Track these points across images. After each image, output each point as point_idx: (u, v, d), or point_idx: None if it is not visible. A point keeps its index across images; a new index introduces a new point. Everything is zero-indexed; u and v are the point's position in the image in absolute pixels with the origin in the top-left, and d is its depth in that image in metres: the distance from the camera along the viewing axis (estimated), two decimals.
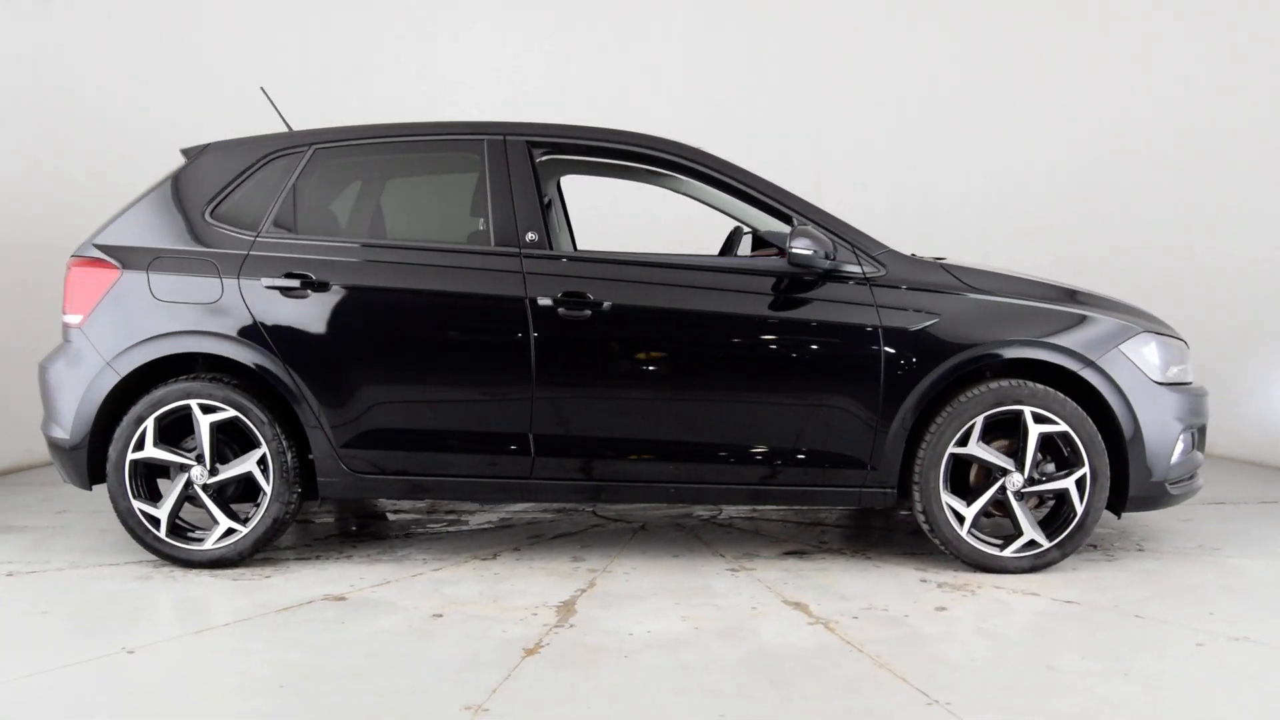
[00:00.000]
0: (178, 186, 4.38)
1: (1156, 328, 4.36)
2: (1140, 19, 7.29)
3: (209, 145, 4.46)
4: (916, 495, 4.17)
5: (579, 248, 5.68)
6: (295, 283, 4.18)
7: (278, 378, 4.16)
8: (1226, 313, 6.94)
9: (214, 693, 3.02)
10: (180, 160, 4.53)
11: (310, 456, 4.20)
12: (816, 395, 4.15)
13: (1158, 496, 4.24)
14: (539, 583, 4.06)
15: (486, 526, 4.98)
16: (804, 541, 4.69)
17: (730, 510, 5.27)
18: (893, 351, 4.12)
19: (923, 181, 7.70)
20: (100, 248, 4.30)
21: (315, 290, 4.18)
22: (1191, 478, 4.40)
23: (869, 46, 7.77)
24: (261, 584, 4.04)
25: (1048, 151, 7.54)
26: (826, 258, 4.12)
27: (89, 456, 4.22)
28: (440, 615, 3.68)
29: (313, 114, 5.03)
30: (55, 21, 6.42)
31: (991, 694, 3.01)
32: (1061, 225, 7.47)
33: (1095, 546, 4.59)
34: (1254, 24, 6.86)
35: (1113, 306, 4.36)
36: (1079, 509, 4.15)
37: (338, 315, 4.17)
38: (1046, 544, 4.16)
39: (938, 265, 4.28)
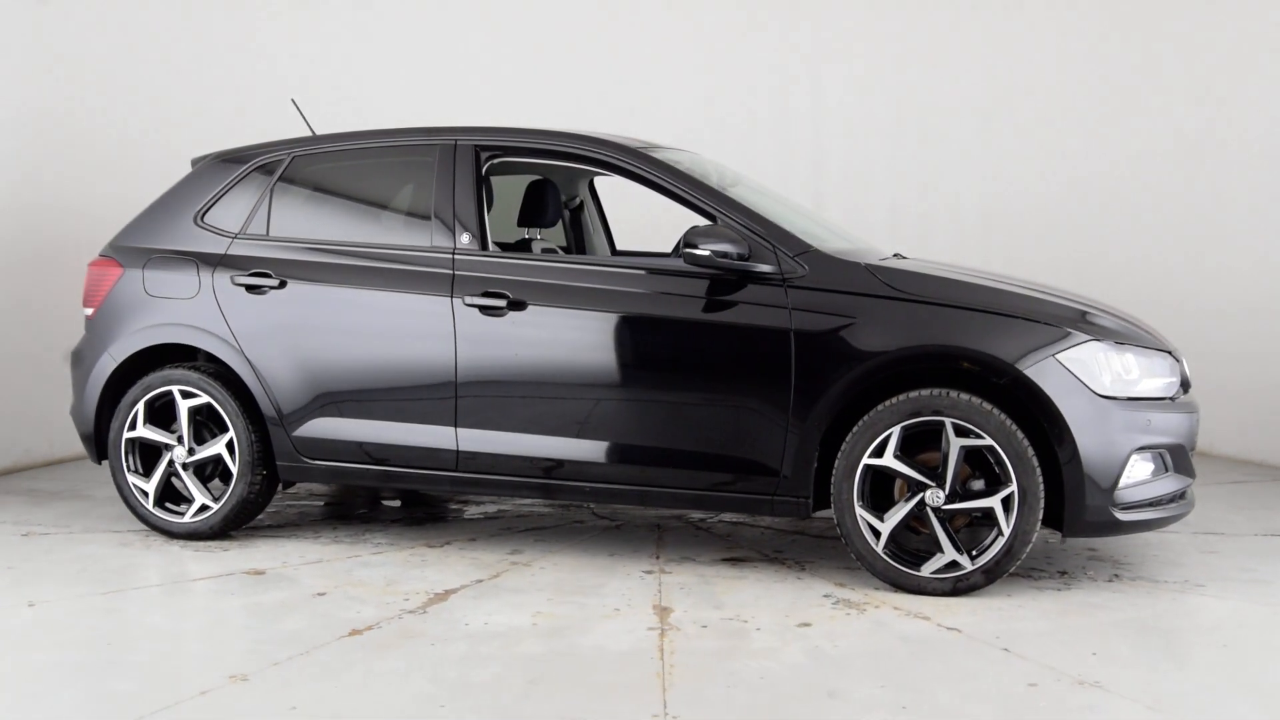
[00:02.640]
0: (180, 193, 4.88)
1: (1117, 336, 3.98)
2: (1144, 19, 7.03)
3: (209, 155, 4.94)
4: (833, 507, 4.03)
5: (618, 248, 5.81)
6: (256, 280, 4.57)
7: (239, 367, 4.57)
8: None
9: (42, 645, 3.46)
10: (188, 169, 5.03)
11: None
12: (728, 399, 4.11)
13: (1101, 522, 3.89)
14: (449, 571, 4.25)
15: (477, 517, 5.21)
16: (760, 549, 4.62)
17: (729, 515, 5.22)
18: (803, 355, 4.01)
19: (923, 180, 7.60)
20: (113, 248, 4.88)
21: (274, 288, 4.55)
22: (1162, 503, 3.99)
23: (870, 45, 7.71)
24: (213, 556, 4.47)
25: (1050, 149, 7.32)
26: (740, 258, 4.06)
27: (95, 434, 4.80)
28: (323, 594, 3.96)
29: (322, 118, 5.41)
30: (77, 24, 6.58)
31: (733, 713, 2.93)
32: (1064, 223, 7.24)
33: (1064, 572, 4.24)
34: (1258, 27, 6.60)
35: (1069, 313, 4.02)
36: (1005, 531, 3.87)
37: (290, 312, 4.54)
38: (970, 566, 3.92)
39: (862, 266, 4.12)
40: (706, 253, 4.04)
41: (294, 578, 4.17)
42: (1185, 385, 4.42)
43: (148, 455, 4.76)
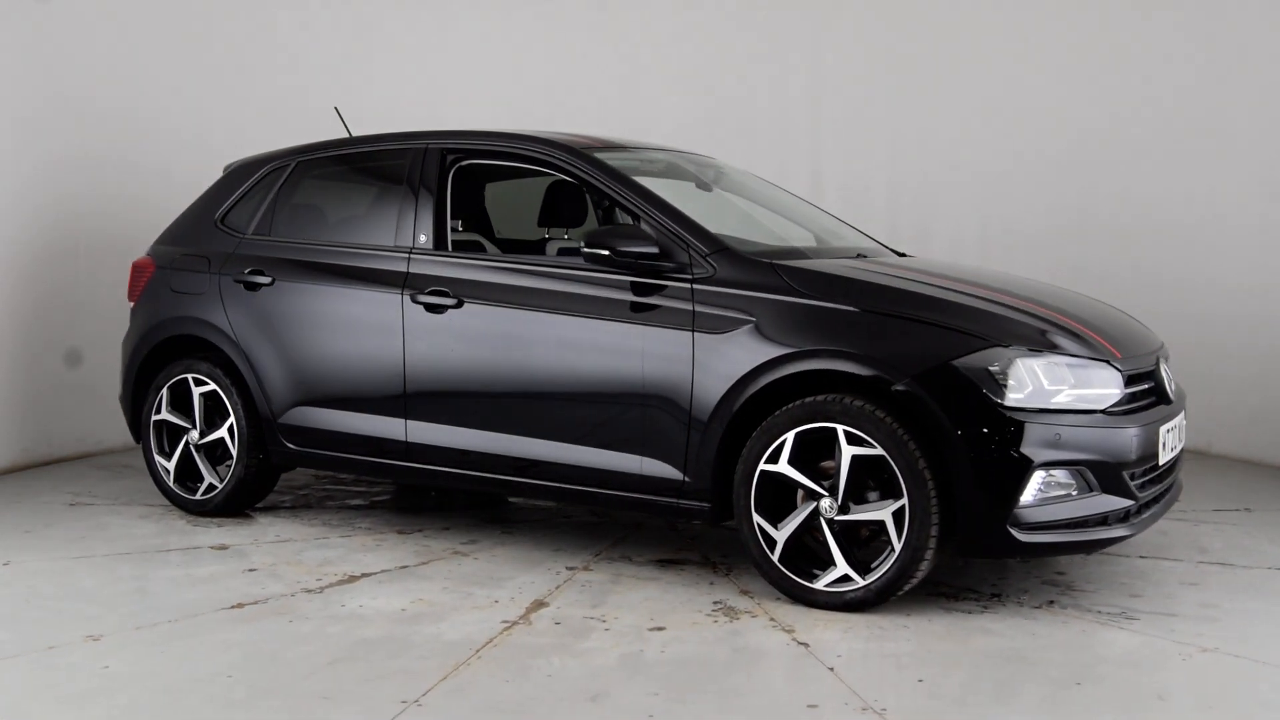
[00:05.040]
0: (208, 197, 5.40)
1: (1039, 344, 3.74)
2: (1143, 18, 7.05)
3: (235, 162, 5.43)
4: (734, 513, 4.00)
5: None
6: (252, 278, 5.00)
7: (236, 358, 5.01)
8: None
9: None
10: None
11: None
12: (637, 400, 4.17)
13: (999, 542, 3.68)
14: (387, 557, 4.52)
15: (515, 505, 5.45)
16: (710, 552, 4.62)
17: None
18: (703, 356, 4.01)
19: (922, 180, 7.69)
20: (152, 248, 5.45)
21: (266, 285, 4.97)
22: (1088, 525, 3.73)
23: (869, 44, 7.82)
24: (203, 530, 4.95)
25: (1050, 147, 7.33)
26: (645, 257, 4.10)
27: (131, 417, 5.39)
28: (253, 570, 4.33)
29: (363, 125, 5.78)
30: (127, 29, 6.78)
31: (479, 707, 3.04)
32: (1064, 221, 7.23)
33: (997, 595, 4.01)
34: (1256, 26, 6.61)
35: (988, 319, 3.81)
36: (897, 547, 3.72)
37: (275, 307, 4.95)
38: (861, 582, 3.79)
39: (770, 265, 4.06)
40: (605, 252, 4.10)
41: (246, 554, 4.55)
42: (1160, 395, 4.08)
43: (174, 437, 5.29)
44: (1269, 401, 6.44)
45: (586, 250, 4.15)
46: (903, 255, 5.11)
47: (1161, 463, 3.97)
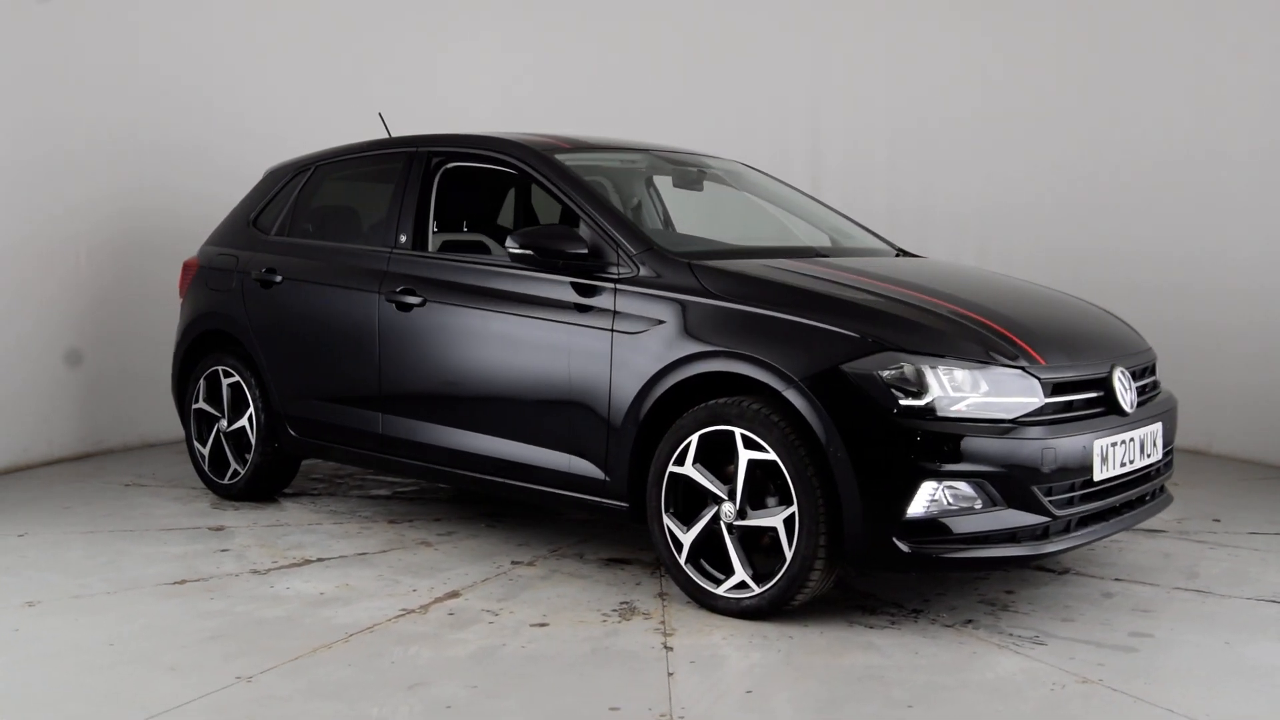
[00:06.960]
0: (247, 200, 5.81)
1: (942, 348, 3.60)
2: (1143, 16, 7.02)
3: (275, 166, 5.81)
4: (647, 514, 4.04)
5: None
6: (267, 276, 5.35)
7: (252, 351, 5.38)
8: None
9: None
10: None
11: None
12: (564, 399, 4.25)
13: (884, 554, 3.57)
14: (357, 545, 4.78)
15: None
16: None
17: None
18: (620, 356, 4.05)
19: (922, 180, 7.69)
20: (201, 248, 5.90)
21: (277, 284, 5.31)
22: (992, 540, 3.56)
23: (868, 45, 7.89)
24: (219, 512, 5.36)
25: (1051, 149, 7.31)
26: (591, 257, 4.17)
27: (178, 405, 5.86)
28: (225, 551, 4.68)
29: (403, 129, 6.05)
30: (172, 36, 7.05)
31: (301, 687, 3.21)
32: (1064, 222, 7.24)
33: (919, 610, 3.89)
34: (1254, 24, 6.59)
35: (901, 321, 3.72)
36: (788, 555, 3.67)
37: (283, 304, 5.29)
38: (756, 589, 3.75)
39: (687, 266, 4.05)
40: (530, 252, 4.19)
41: (233, 536, 4.90)
42: (1111, 406, 3.84)
43: (209, 425, 5.72)
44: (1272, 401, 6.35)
45: (513, 250, 4.25)
46: (901, 254, 4.98)
47: (1099, 478, 3.72)
